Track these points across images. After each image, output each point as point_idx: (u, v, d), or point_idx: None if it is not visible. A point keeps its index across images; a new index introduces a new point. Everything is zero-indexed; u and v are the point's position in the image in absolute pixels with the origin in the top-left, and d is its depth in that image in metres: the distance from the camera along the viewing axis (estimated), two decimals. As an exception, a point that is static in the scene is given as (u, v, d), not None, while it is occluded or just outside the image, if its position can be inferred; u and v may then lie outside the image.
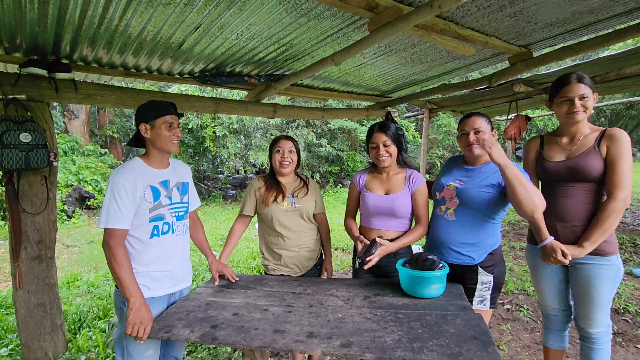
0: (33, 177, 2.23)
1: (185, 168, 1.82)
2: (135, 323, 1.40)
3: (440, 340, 1.24)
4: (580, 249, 1.60)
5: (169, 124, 1.58)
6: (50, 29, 1.84)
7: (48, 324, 2.38)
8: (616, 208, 1.54)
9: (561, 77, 1.67)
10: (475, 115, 1.75)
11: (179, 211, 1.69)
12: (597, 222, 1.58)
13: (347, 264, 4.58)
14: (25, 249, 2.25)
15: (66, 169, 8.57)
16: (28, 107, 2.17)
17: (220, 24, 1.92)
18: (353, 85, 3.57)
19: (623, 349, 2.46)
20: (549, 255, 1.62)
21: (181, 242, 1.71)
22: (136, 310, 1.41)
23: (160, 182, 1.61)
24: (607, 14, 2.03)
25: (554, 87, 1.69)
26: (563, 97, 1.64)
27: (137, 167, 1.57)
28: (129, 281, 1.45)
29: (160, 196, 1.60)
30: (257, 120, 10.79)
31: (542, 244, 1.66)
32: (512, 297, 3.36)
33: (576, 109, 1.61)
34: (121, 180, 1.48)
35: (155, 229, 1.58)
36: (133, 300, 1.42)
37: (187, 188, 1.77)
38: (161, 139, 1.58)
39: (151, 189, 1.57)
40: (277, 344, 1.26)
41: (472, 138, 1.71)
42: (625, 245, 4.69)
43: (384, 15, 1.76)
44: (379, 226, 1.92)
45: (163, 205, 1.61)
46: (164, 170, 1.66)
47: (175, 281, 1.67)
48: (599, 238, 1.58)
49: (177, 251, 1.68)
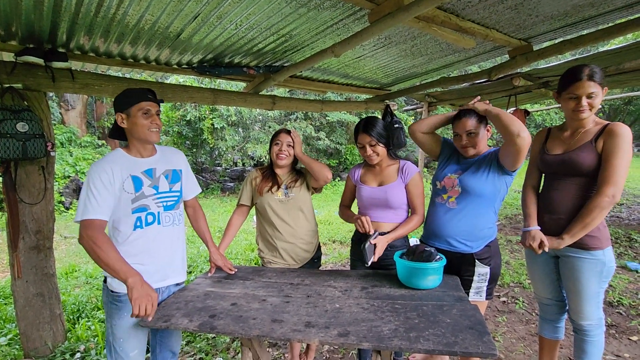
0: (30, 167, 2.22)
1: (177, 155, 1.72)
2: (142, 301, 1.31)
3: (436, 330, 1.25)
4: (559, 240, 1.63)
5: (144, 110, 1.48)
6: (46, 16, 1.82)
7: (47, 314, 2.39)
8: (601, 204, 1.53)
9: (573, 70, 1.59)
10: (465, 116, 1.72)
11: (168, 201, 1.59)
12: (580, 216, 1.59)
13: (344, 256, 4.61)
14: (23, 239, 2.25)
15: (63, 160, 8.52)
16: (24, 96, 2.15)
17: (219, 13, 1.90)
18: (352, 78, 3.56)
19: (616, 341, 2.50)
20: (526, 240, 1.69)
21: (169, 233, 1.60)
22: (139, 288, 1.32)
23: (143, 171, 1.53)
24: (608, 7, 2.02)
25: (564, 80, 1.63)
26: (571, 93, 1.60)
27: (117, 158, 1.49)
28: (120, 264, 1.34)
29: (143, 186, 1.51)
30: (256, 113, 10.75)
31: (526, 230, 1.73)
32: (508, 290, 3.39)
33: (582, 107, 1.58)
34: (97, 171, 1.41)
35: (138, 221, 1.49)
36: (131, 280, 1.32)
37: (179, 176, 1.67)
38: (138, 128, 1.48)
39: (132, 179, 1.48)
40: (275, 333, 1.27)
41: (465, 142, 1.74)
42: (620, 240, 4.73)
43: (385, 6, 1.75)
44: (375, 218, 1.92)
45: (146, 196, 1.52)
46: (149, 158, 1.57)
47: (163, 275, 1.58)
48: (580, 232, 1.58)
49: (165, 243, 1.58)
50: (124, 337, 1.50)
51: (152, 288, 1.38)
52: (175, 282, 1.66)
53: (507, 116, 1.55)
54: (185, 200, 1.76)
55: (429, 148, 1.97)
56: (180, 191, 1.67)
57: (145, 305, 1.31)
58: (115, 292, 1.50)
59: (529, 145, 1.53)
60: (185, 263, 1.74)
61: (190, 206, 1.82)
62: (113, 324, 1.51)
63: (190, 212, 1.83)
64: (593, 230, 1.60)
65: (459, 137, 1.76)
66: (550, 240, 1.65)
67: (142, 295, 1.32)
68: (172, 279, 1.64)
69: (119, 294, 1.49)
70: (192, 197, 1.80)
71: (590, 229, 1.58)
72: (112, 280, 1.49)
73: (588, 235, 1.60)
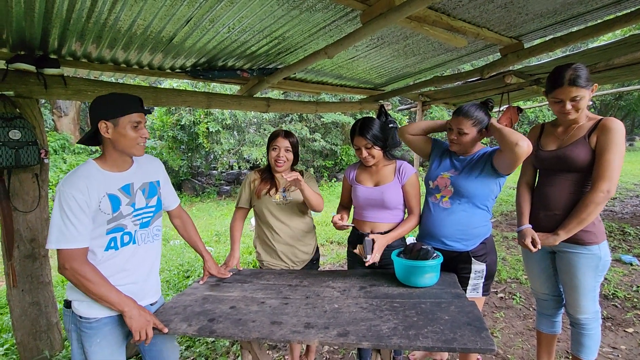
0: (24, 174, 2.20)
1: (154, 164, 1.57)
2: (142, 328, 1.31)
3: (434, 327, 1.26)
4: (554, 236, 1.65)
5: (135, 123, 1.34)
6: (37, 23, 1.81)
7: (44, 323, 2.37)
8: (596, 199, 1.54)
9: (555, 73, 1.59)
10: (463, 116, 1.71)
11: (144, 218, 1.46)
12: (575, 211, 1.60)
13: (342, 256, 4.61)
14: (18, 247, 2.23)
15: (57, 167, 8.44)
16: (16, 103, 2.13)
17: (211, 17, 1.90)
18: (346, 79, 3.57)
19: (612, 333, 2.53)
20: (521, 239, 1.73)
21: (145, 252, 1.48)
22: (137, 317, 1.31)
23: (120, 187, 1.38)
24: (596, 4, 2.05)
25: (548, 83, 1.63)
26: (555, 97, 1.61)
27: (90, 174, 1.32)
28: (113, 294, 1.30)
29: (121, 205, 1.37)
30: (251, 115, 10.72)
31: (519, 229, 1.78)
32: (505, 286, 3.42)
33: (567, 110, 1.59)
34: (71, 190, 1.25)
35: (112, 241, 1.37)
36: (128, 309, 1.30)
37: (156, 188, 1.53)
38: (126, 141, 1.34)
39: (109, 198, 1.34)
40: (275, 335, 1.27)
41: (453, 136, 1.76)
42: (615, 233, 4.79)
43: (376, 6, 1.76)
44: (372, 218, 1.93)
45: (124, 215, 1.38)
46: (125, 172, 1.42)
47: (141, 296, 1.45)
48: (575, 227, 1.60)
49: (141, 262, 1.46)
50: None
51: (146, 310, 1.37)
52: (150, 302, 1.53)
53: (506, 128, 1.57)
54: (168, 210, 1.69)
55: (418, 148, 1.99)
56: (157, 205, 1.53)
57: (145, 331, 1.32)
58: (85, 318, 1.35)
59: (528, 154, 1.51)
60: (159, 282, 1.62)
61: (176, 216, 1.74)
62: (88, 351, 1.37)
63: (178, 222, 1.75)
64: (589, 226, 1.61)
65: (450, 130, 1.77)
66: (546, 236, 1.67)
67: (141, 323, 1.32)
68: (148, 299, 1.52)
69: (89, 320, 1.35)
70: (175, 207, 1.70)
71: (586, 224, 1.59)
72: (80, 305, 1.35)
73: (584, 230, 1.61)
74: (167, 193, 1.63)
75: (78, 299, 1.36)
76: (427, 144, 1.97)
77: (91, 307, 1.34)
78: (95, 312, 1.35)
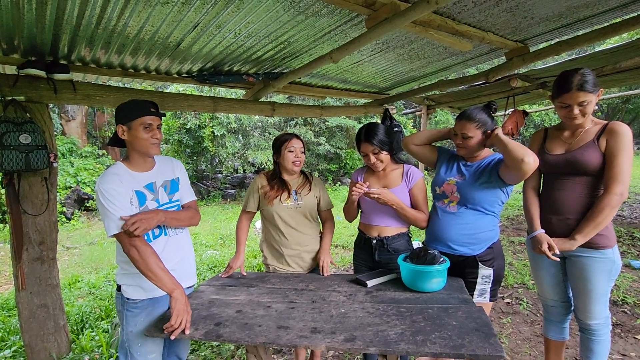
0: (33, 178, 2.23)
1: (172, 163, 1.74)
2: (182, 315, 1.35)
3: (442, 333, 1.25)
4: (571, 241, 1.62)
5: (146, 125, 1.50)
6: (48, 29, 1.84)
7: (51, 325, 2.38)
8: (611, 202, 1.53)
9: (563, 78, 1.59)
10: (465, 119, 1.71)
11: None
12: (591, 215, 1.58)
13: (347, 260, 4.60)
14: (27, 250, 2.26)
15: (64, 171, 8.54)
16: (27, 108, 2.17)
17: (218, 22, 1.92)
18: (351, 83, 3.58)
19: (622, 340, 2.49)
20: (536, 247, 1.68)
21: (176, 241, 1.65)
22: (182, 302, 1.38)
23: (145, 185, 1.56)
24: (602, 7, 2.04)
25: (555, 88, 1.63)
26: (562, 102, 1.61)
27: (120, 172, 1.52)
28: (168, 276, 1.42)
29: (147, 200, 1.55)
30: (256, 119, 10.78)
31: (532, 235, 1.73)
32: (512, 291, 3.38)
33: (574, 115, 1.59)
34: (110, 184, 1.44)
35: (144, 235, 1.49)
36: (177, 292, 1.39)
37: (177, 185, 1.70)
38: (139, 142, 1.51)
39: (136, 194, 1.52)
40: (282, 340, 1.27)
41: (459, 141, 1.76)
42: (623, 238, 4.72)
43: (382, 11, 1.77)
44: (378, 222, 1.93)
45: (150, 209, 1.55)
46: (149, 172, 1.60)
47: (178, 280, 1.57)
48: (591, 231, 1.58)
49: (174, 252, 1.63)
50: (142, 341, 1.55)
51: (188, 303, 1.43)
52: (187, 286, 1.69)
53: (511, 142, 1.55)
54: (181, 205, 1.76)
55: (424, 158, 1.98)
56: (180, 200, 1.72)
57: (182, 319, 1.36)
58: (132, 300, 1.55)
59: (533, 170, 1.51)
60: (195, 267, 1.80)
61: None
62: (129, 331, 1.55)
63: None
64: (602, 229, 1.60)
65: (456, 135, 1.78)
66: (562, 241, 1.64)
67: (183, 309, 1.37)
68: (185, 282, 1.66)
69: (135, 301, 1.55)
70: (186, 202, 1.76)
71: (602, 228, 1.58)
72: (127, 287, 1.56)
73: (598, 234, 1.60)
74: (182, 189, 1.74)
75: (126, 283, 1.56)
76: (433, 153, 1.96)
77: (136, 291, 1.55)
78: (140, 294, 1.55)
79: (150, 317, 1.56)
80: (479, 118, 1.70)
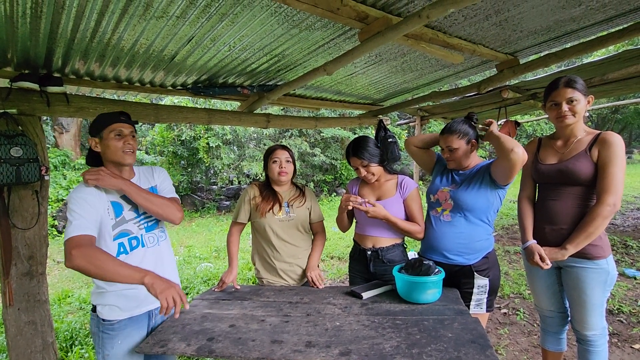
0: (24, 191, 2.19)
1: (153, 171, 1.69)
2: (167, 293, 1.23)
3: (438, 345, 1.24)
4: (562, 251, 1.63)
5: (117, 132, 1.47)
6: (42, 43, 1.84)
7: (39, 342, 2.31)
8: (603, 212, 1.54)
9: (552, 81, 1.70)
10: (447, 133, 1.78)
11: (148, 222, 1.60)
12: (583, 225, 1.59)
13: (343, 272, 4.56)
14: (15, 265, 2.20)
15: (57, 183, 8.46)
16: (19, 121, 2.15)
17: (212, 36, 1.94)
18: (345, 94, 3.61)
19: (619, 350, 2.48)
20: (529, 257, 1.69)
21: (154, 254, 1.58)
22: (159, 282, 1.25)
23: (122, 196, 1.52)
24: (588, 21, 2.09)
25: (545, 91, 1.72)
26: (552, 101, 1.67)
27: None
28: (128, 268, 1.27)
29: (124, 211, 1.51)
30: (251, 131, 10.80)
31: (524, 246, 1.75)
32: (508, 301, 3.37)
33: (563, 112, 1.63)
34: (81, 194, 1.41)
35: (121, 247, 1.48)
36: (147, 278, 1.25)
37: (155, 191, 1.64)
38: (110, 150, 1.47)
39: (112, 204, 1.49)
40: (275, 355, 1.25)
41: (446, 155, 1.82)
42: (617, 247, 4.75)
43: (374, 25, 1.80)
44: (373, 233, 1.92)
45: (127, 220, 1.52)
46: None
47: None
48: (583, 241, 1.59)
49: (153, 264, 1.54)
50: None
51: (169, 279, 1.31)
52: None
53: (504, 136, 1.61)
54: None
55: (422, 161, 2.03)
56: None
57: (172, 296, 1.24)
58: (107, 321, 1.47)
59: (523, 161, 1.54)
60: (178, 278, 1.71)
61: None
62: (105, 354, 1.47)
63: None
64: (595, 240, 1.60)
65: (443, 150, 1.84)
66: (553, 251, 1.65)
67: (164, 287, 1.24)
68: None
69: (112, 322, 1.47)
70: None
71: (593, 238, 1.58)
72: (103, 308, 1.48)
73: (591, 244, 1.60)
74: (161, 192, 1.66)
75: (101, 303, 1.48)
76: (431, 158, 2.00)
77: (113, 311, 1.47)
78: (116, 314, 1.47)
79: (128, 339, 1.49)
80: (460, 129, 1.76)
